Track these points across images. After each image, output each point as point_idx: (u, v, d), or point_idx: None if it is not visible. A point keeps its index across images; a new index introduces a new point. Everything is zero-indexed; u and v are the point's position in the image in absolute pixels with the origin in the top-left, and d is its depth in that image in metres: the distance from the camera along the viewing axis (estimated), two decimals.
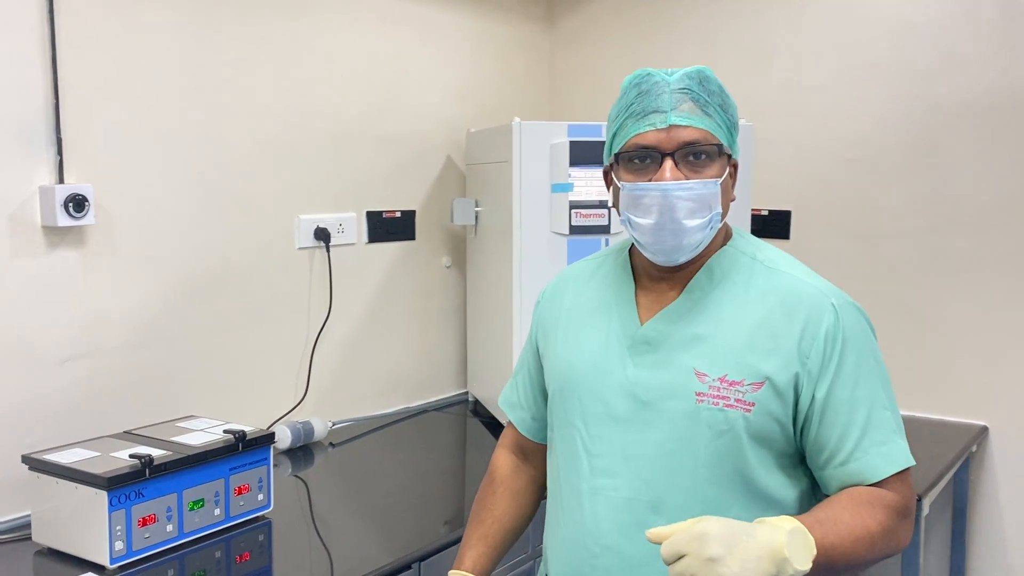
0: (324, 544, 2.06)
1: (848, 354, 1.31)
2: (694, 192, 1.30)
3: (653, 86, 1.33)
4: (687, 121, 1.31)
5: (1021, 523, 2.83)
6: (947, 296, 2.86)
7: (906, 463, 1.30)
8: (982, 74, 2.75)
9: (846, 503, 1.26)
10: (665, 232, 1.31)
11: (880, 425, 1.30)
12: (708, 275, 1.38)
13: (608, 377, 1.38)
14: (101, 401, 2.20)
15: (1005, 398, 2.80)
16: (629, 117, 1.34)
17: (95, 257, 2.18)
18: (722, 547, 1.10)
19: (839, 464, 1.30)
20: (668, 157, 1.31)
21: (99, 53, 2.16)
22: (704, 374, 1.31)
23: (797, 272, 1.39)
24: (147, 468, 1.79)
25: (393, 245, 2.96)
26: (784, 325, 1.31)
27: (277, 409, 2.63)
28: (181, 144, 2.35)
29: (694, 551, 1.10)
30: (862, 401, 1.30)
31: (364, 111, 2.83)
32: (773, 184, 3.09)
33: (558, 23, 3.58)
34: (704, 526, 1.12)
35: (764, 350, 1.30)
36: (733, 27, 3.18)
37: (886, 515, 1.26)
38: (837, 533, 1.20)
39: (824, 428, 1.30)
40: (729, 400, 1.30)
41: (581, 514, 1.38)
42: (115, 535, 1.75)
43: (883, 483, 1.29)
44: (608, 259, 1.51)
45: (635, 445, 1.34)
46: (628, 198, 1.34)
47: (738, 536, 1.12)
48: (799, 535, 1.15)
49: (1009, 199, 2.74)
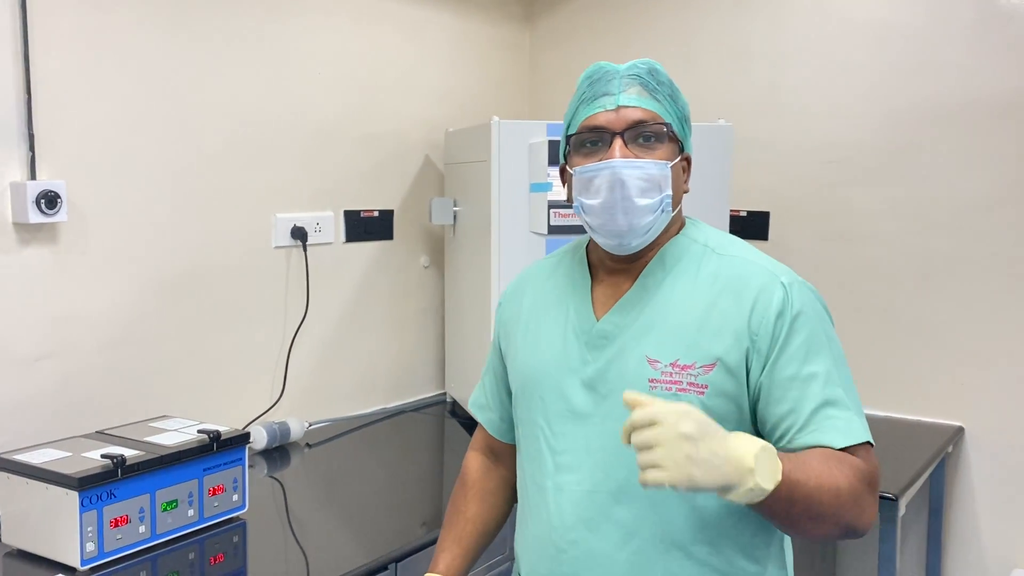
0: (300, 545, 2.04)
1: (798, 331, 1.30)
2: (644, 171, 1.32)
3: (604, 74, 1.38)
4: (636, 102, 1.34)
5: (996, 523, 2.85)
6: (923, 297, 2.88)
7: (863, 437, 1.28)
8: (958, 77, 2.77)
9: (817, 455, 1.23)
10: (616, 211, 1.32)
11: (836, 403, 1.28)
12: (660, 264, 1.39)
13: (568, 373, 1.39)
14: (73, 401, 2.17)
15: (981, 399, 2.82)
16: (581, 103, 1.38)
17: (67, 255, 2.15)
18: (697, 429, 1.08)
19: (791, 438, 1.27)
20: (618, 136, 1.33)
21: (73, 49, 2.14)
22: (656, 360, 1.32)
23: (747, 254, 1.39)
24: (119, 468, 1.77)
25: (371, 245, 2.94)
26: (734, 305, 1.32)
27: (253, 409, 2.61)
28: (156, 141, 2.32)
29: (671, 422, 1.08)
30: (815, 377, 1.29)
31: (342, 109, 2.81)
32: (752, 185, 3.10)
33: (537, 23, 3.58)
34: (687, 407, 1.11)
35: (714, 332, 1.31)
36: (711, 28, 3.19)
37: (853, 473, 1.22)
38: (805, 472, 1.16)
39: (775, 404, 1.29)
40: (682, 384, 1.30)
41: (547, 511, 1.39)
42: (86, 536, 1.72)
43: (850, 451, 1.25)
44: (566, 257, 1.52)
45: (596, 438, 1.35)
46: (579, 181, 1.36)
47: (714, 431, 1.11)
48: (770, 455, 1.12)
49: (984, 200, 2.76)
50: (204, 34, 2.42)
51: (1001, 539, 2.84)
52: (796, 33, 3.04)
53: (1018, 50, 2.68)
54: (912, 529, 2.95)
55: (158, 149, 2.33)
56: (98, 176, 2.20)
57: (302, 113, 2.69)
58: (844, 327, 2.95)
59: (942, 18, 2.79)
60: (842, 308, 2.99)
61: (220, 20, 2.45)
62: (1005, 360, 2.76)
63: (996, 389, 2.79)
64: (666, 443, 1.07)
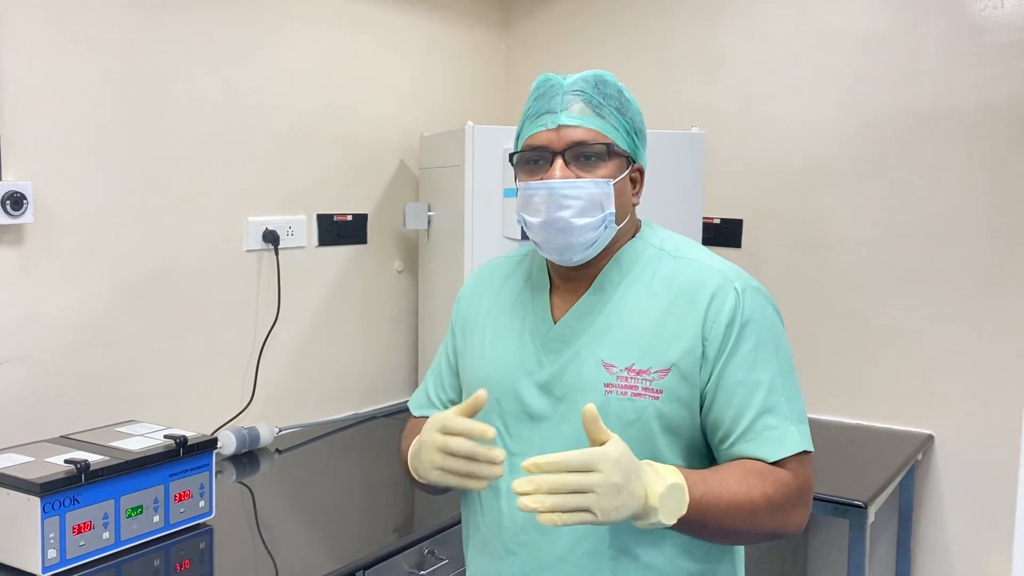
0: (269, 551, 2.01)
1: (747, 337, 1.32)
2: (582, 191, 1.33)
3: (549, 89, 1.38)
4: (577, 121, 1.34)
5: (965, 530, 2.87)
6: (894, 305, 2.90)
7: (797, 448, 1.31)
8: (930, 87, 2.80)
9: (737, 470, 1.29)
10: (553, 230, 1.34)
11: (776, 411, 1.31)
12: (617, 267, 1.41)
13: (523, 376, 1.40)
14: (38, 405, 2.14)
15: (950, 407, 2.84)
16: (526, 120, 1.39)
17: (33, 257, 2.12)
18: (624, 478, 1.15)
19: (731, 444, 1.32)
20: (558, 156, 1.34)
21: (40, 48, 2.11)
22: (612, 365, 1.34)
23: (702, 257, 1.40)
24: (83, 474, 1.74)
25: (344, 249, 2.93)
26: (688, 310, 1.34)
27: (222, 414, 2.58)
28: (125, 142, 2.29)
29: (607, 471, 1.14)
30: (759, 385, 1.31)
31: (316, 113, 2.80)
32: (725, 193, 3.11)
33: (514, 28, 3.58)
34: (618, 452, 1.16)
35: (669, 337, 1.33)
36: (687, 36, 3.20)
37: (775, 489, 1.28)
38: (717, 493, 1.23)
39: (719, 408, 1.32)
40: (637, 389, 1.32)
41: (499, 513, 1.40)
42: (48, 543, 1.69)
43: (780, 464, 1.30)
44: (525, 260, 1.53)
45: (551, 441, 1.35)
46: (522, 197, 1.38)
47: (633, 471, 1.17)
48: (676, 492, 1.20)
49: (955, 210, 2.79)
50: (175, 35, 2.39)
51: (970, 546, 2.86)
52: (770, 42, 3.05)
53: (990, 62, 2.71)
54: (882, 536, 2.97)
55: (128, 150, 2.30)
56: (66, 177, 2.17)
57: (275, 116, 2.67)
58: (815, 334, 3.00)
59: (916, 29, 2.81)
60: (813, 315, 3.02)
61: (192, 21, 2.43)
62: (975, 369, 2.79)
63: (966, 397, 2.81)
64: (600, 491, 1.13)
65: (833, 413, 2.97)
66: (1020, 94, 2.67)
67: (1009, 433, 2.66)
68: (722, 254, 1.48)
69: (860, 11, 2.90)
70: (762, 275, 1.46)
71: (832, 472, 2.56)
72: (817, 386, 2.99)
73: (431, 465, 1.26)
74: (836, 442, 2.82)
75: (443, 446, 1.24)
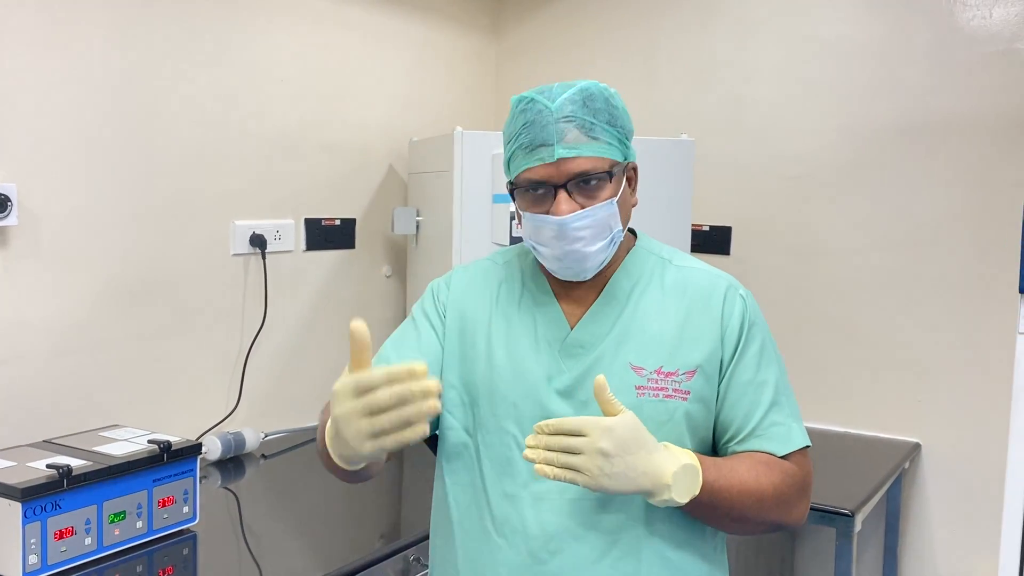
0: (253, 557, 2.00)
1: (754, 339, 1.40)
2: (590, 219, 1.34)
3: (537, 116, 1.34)
4: (574, 152, 1.33)
5: (952, 539, 2.87)
6: (881, 313, 2.90)
7: (802, 443, 1.40)
8: (917, 96, 2.81)
9: (746, 459, 1.36)
10: (568, 260, 1.37)
11: (780, 408, 1.39)
12: (625, 275, 1.44)
13: (543, 381, 1.39)
14: (20, 409, 2.12)
15: (937, 415, 2.85)
16: (518, 149, 1.36)
17: (17, 259, 2.10)
18: (616, 447, 1.20)
19: (741, 440, 1.38)
20: (561, 189, 1.34)
21: (26, 49, 2.09)
22: (640, 367, 1.37)
23: (702, 266, 1.47)
24: (65, 479, 1.72)
25: (332, 253, 2.91)
26: (704, 315, 1.40)
27: (208, 419, 2.56)
28: (111, 145, 2.28)
29: (594, 436, 1.20)
30: (766, 384, 1.39)
31: (305, 117, 2.79)
32: (714, 200, 3.12)
33: (504, 34, 3.58)
34: (614, 422, 1.21)
35: (692, 340, 1.38)
36: (676, 44, 3.21)
37: (782, 479, 1.35)
38: (728, 479, 1.30)
39: (730, 407, 1.39)
40: (667, 391, 1.36)
41: (522, 521, 1.36)
42: (29, 548, 1.68)
43: (786, 458, 1.37)
44: (516, 261, 1.51)
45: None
46: (529, 227, 1.39)
47: (639, 446, 1.22)
48: (690, 472, 1.25)
49: (942, 219, 2.80)
50: (163, 38, 2.38)
51: (957, 554, 2.87)
52: (759, 50, 3.06)
53: (976, 71, 2.73)
54: (869, 544, 2.97)
55: (114, 153, 2.29)
56: (51, 179, 2.16)
57: (264, 119, 2.66)
58: (802, 342, 3.00)
59: (903, 39, 2.83)
60: (801, 323, 3.03)
61: (180, 24, 2.42)
62: (962, 377, 2.80)
63: (953, 406, 2.82)
64: (586, 452, 1.20)
65: (820, 421, 2.97)
66: (1007, 104, 2.68)
67: (996, 441, 2.66)
68: (711, 261, 1.51)
69: (849, 20, 2.91)
70: (751, 282, 1.48)
71: (819, 480, 2.53)
72: (804, 393, 2.96)
73: (361, 437, 1.10)
74: (823, 450, 2.82)
75: (367, 407, 1.08)
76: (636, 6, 3.28)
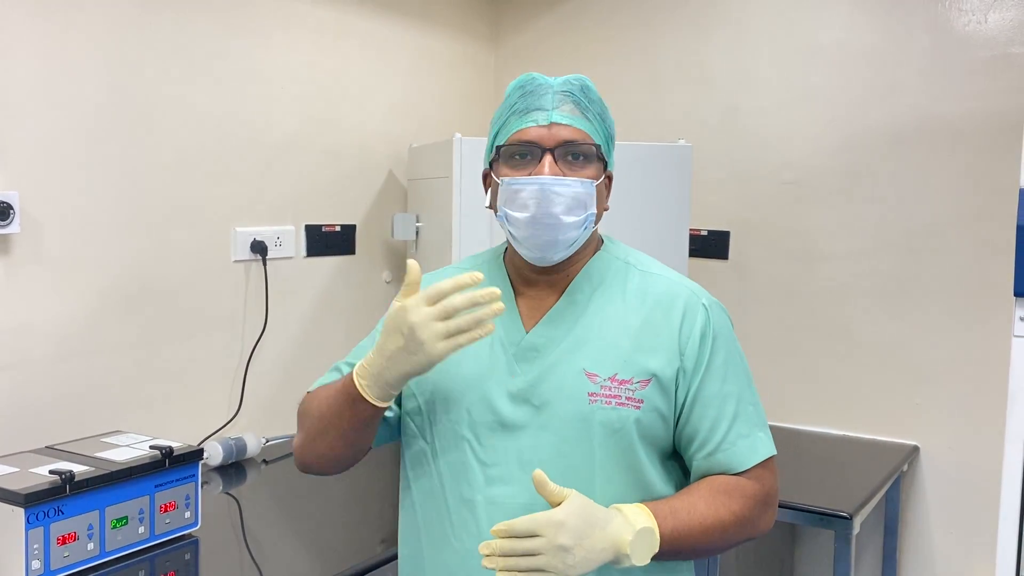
0: (255, 562, 2.01)
1: (718, 351, 1.39)
2: (571, 189, 1.35)
3: (537, 87, 1.39)
4: (568, 120, 1.36)
5: (951, 541, 2.88)
6: (879, 317, 2.92)
7: (768, 452, 1.39)
8: (914, 101, 2.82)
9: (704, 492, 1.35)
10: (541, 226, 1.35)
11: (745, 418, 1.39)
12: (587, 279, 1.43)
13: (497, 386, 1.39)
14: (23, 415, 2.13)
15: (935, 418, 2.85)
16: (512, 114, 1.39)
17: (20, 266, 2.12)
18: (573, 538, 1.20)
19: (708, 454, 1.37)
20: (548, 153, 1.35)
21: (28, 58, 2.11)
22: (594, 374, 1.36)
23: (667, 273, 1.46)
24: (67, 484, 1.73)
25: (332, 259, 2.93)
26: (664, 324, 1.38)
27: (209, 425, 2.57)
28: (112, 152, 2.29)
29: (550, 535, 1.19)
30: (730, 396, 1.38)
31: (305, 123, 2.80)
32: (712, 205, 3.13)
33: (503, 41, 3.60)
34: (565, 515, 1.21)
35: (648, 348, 1.37)
36: (674, 50, 3.22)
37: (742, 505, 1.35)
38: (688, 524, 1.29)
39: (695, 420, 1.37)
40: (620, 399, 1.35)
41: (477, 526, 1.36)
42: (32, 554, 1.69)
43: (746, 472, 1.37)
44: (483, 266, 1.51)
45: (530, 451, 1.35)
46: (507, 192, 1.38)
47: (592, 527, 1.22)
48: (646, 535, 1.25)
49: (938, 222, 2.81)
50: (164, 46, 2.40)
51: (955, 556, 2.87)
52: (756, 56, 3.08)
53: (972, 76, 2.74)
54: (868, 547, 2.97)
55: (115, 160, 2.30)
56: (53, 187, 2.17)
57: (264, 126, 2.68)
58: (800, 345, 3.01)
59: (900, 44, 2.84)
60: (798, 327, 3.04)
61: (180, 32, 2.44)
62: (959, 380, 2.81)
63: (951, 408, 2.83)
64: (547, 553, 1.19)
65: (818, 424, 2.98)
66: (1003, 108, 2.69)
67: (994, 444, 2.65)
68: (709, 266, 1.51)
69: (846, 25, 2.93)
70: (748, 286, 1.49)
71: (817, 483, 2.57)
72: (802, 397, 3.01)
73: (436, 338, 1.23)
74: (821, 453, 2.84)
75: (441, 312, 1.22)
76: (633, 13, 3.30)
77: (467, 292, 1.23)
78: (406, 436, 1.48)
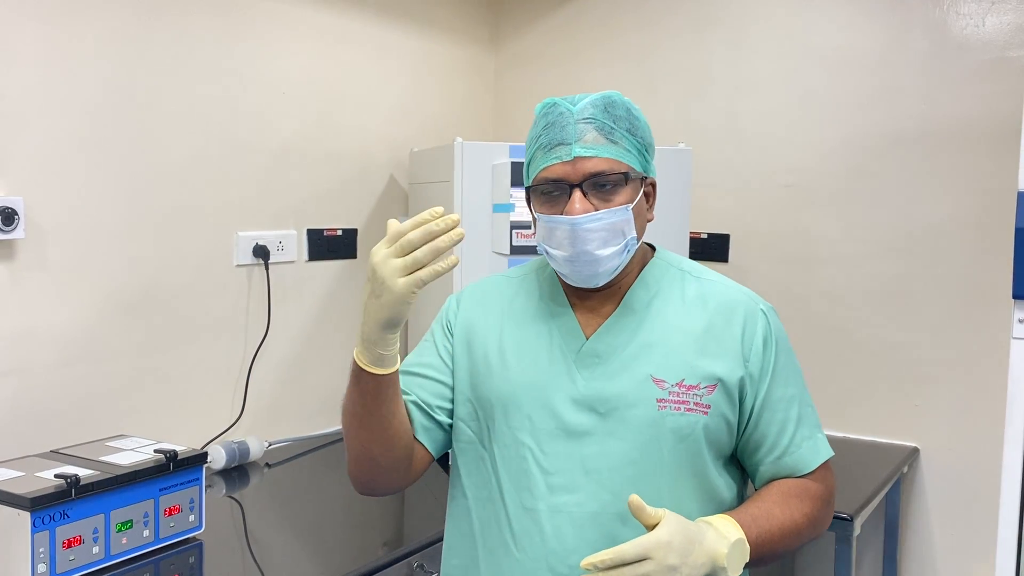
0: (259, 566, 2.02)
1: (780, 355, 1.42)
2: (604, 222, 1.33)
3: (558, 117, 1.36)
4: (592, 152, 1.34)
5: (951, 543, 2.89)
6: (879, 319, 2.92)
7: (828, 454, 1.44)
8: (913, 104, 2.83)
9: (777, 497, 1.37)
10: (579, 263, 1.35)
11: (807, 421, 1.43)
12: (643, 286, 1.43)
13: (558, 392, 1.38)
14: (28, 420, 2.14)
15: (935, 420, 2.86)
16: (538, 149, 1.37)
17: (24, 272, 2.13)
18: (679, 557, 1.19)
19: (775, 459, 1.40)
20: (576, 188, 1.33)
21: (31, 64, 2.12)
22: (662, 380, 1.35)
23: (723, 280, 1.48)
24: (73, 488, 1.74)
25: (334, 263, 2.94)
26: (726, 330, 1.39)
27: (212, 428, 2.58)
28: (115, 158, 2.31)
29: (659, 557, 1.18)
30: (793, 399, 1.42)
31: (306, 128, 2.81)
32: (712, 208, 3.14)
33: (503, 46, 3.61)
34: (669, 535, 1.20)
35: (713, 354, 1.37)
36: (673, 53, 3.24)
37: (812, 506, 1.39)
38: (769, 530, 1.32)
39: (764, 426, 1.40)
40: (689, 404, 1.35)
41: (541, 535, 1.35)
42: (38, 557, 1.70)
43: (811, 474, 1.41)
44: (530, 276, 1.51)
45: (596, 458, 1.34)
46: (543, 229, 1.38)
47: (692, 544, 1.21)
48: (739, 546, 1.26)
49: (937, 225, 2.82)
50: (166, 51, 2.41)
51: (955, 558, 2.88)
52: (756, 59, 3.09)
53: (972, 79, 2.75)
54: (868, 549, 2.98)
55: (118, 166, 2.31)
56: (57, 193, 2.18)
57: (266, 131, 2.69)
58: (801, 348, 2.98)
59: (900, 47, 2.85)
60: (799, 330, 3.03)
61: (183, 37, 2.45)
62: (959, 381, 2.81)
63: (951, 410, 2.84)
64: (657, 574, 1.18)
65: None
66: (1001, 111, 2.70)
67: (994, 445, 2.66)
68: (709, 268, 1.52)
69: (844, 29, 2.94)
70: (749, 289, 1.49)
71: None
72: None
73: (396, 273, 1.20)
74: None
75: (400, 248, 1.20)
76: (634, 17, 3.31)
77: (424, 226, 1.20)
78: (459, 443, 1.47)
